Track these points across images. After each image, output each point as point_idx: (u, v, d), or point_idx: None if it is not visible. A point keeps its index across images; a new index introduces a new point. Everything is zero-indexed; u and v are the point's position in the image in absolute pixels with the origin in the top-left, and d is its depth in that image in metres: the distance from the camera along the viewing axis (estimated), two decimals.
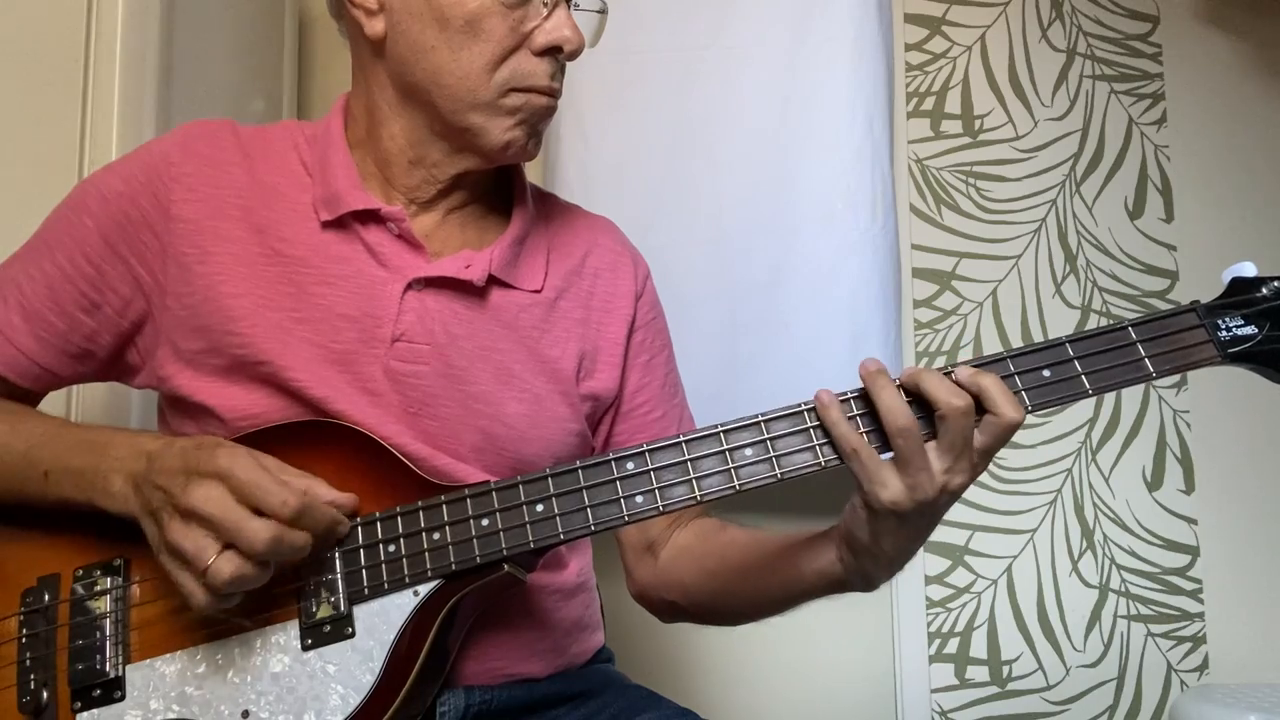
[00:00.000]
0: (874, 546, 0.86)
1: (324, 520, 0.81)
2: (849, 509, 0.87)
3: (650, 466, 0.84)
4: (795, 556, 0.95)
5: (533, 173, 1.07)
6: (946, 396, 0.80)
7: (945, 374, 0.82)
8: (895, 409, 0.80)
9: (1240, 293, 0.85)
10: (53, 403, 1.02)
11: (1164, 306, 1.99)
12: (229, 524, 0.76)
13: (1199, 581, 1.96)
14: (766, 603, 1.00)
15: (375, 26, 0.96)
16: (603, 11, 1.01)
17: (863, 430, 0.83)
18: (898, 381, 0.83)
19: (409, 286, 0.95)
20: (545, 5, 0.94)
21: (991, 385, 0.80)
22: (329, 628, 0.83)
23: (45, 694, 0.84)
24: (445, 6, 0.92)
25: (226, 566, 0.76)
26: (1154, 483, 1.99)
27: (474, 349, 0.96)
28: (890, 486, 0.81)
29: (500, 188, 1.07)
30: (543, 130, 1.01)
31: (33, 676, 0.85)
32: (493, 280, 0.99)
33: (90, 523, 0.85)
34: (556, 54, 0.96)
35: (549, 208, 1.11)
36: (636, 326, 1.09)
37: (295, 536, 0.78)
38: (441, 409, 0.94)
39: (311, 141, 1.01)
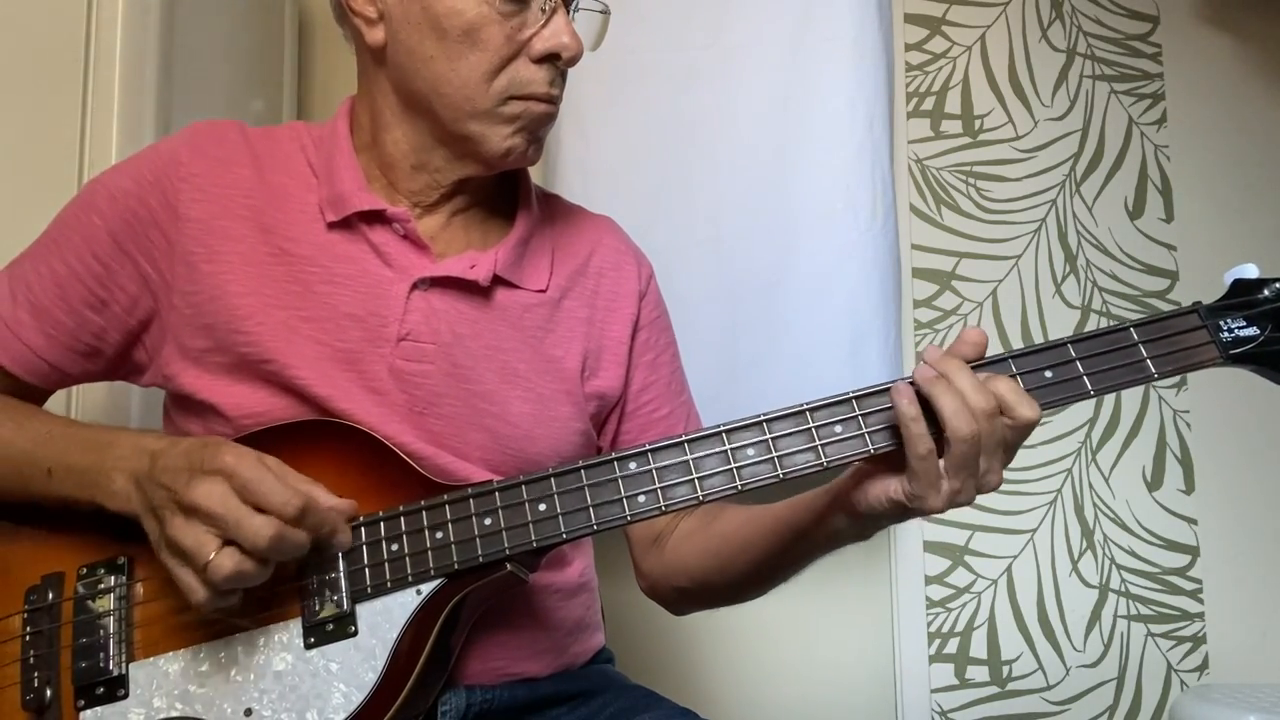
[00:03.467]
0: (887, 523, 0.88)
1: (326, 522, 0.81)
2: (860, 491, 0.86)
3: (652, 466, 0.85)
4: (793, 525, 0.95)
5: (533, 172, 1.07)
6: (975, 395, 0.79)
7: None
8: (961, 414, 0.78)
9: (1242, 294, 0.85)
10: (53, 402, 1.02)
11: (1164, 306, 2.01)
12: (230, 520, 0.76)
13: (1199, 581, 1.96)
14: (767, 571, 1.00)
15: (375, 35, 0.96)
16: (605, 12, 1.01)
17: (867, 430, 0.83)
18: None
19: (415, 286, 0.95)
20: (543, 12, 0.94)
21: (1005, 390, 0.80)
22: (332, 626, 0.83)
23: (49, 691, 0.84)
24: (442, 16, 0.92)
25: (227, 562, 0.76)
26: (1154, 483, 1.99)
27: (479, 348, 0.97)
28: (941, 493, 0.81)
29: (504, 189, 1.07)
30: (543, 136, 1.01)
31: (36, 674, 0.85)
32: (498, 280, 0.99)
33: (94, 521, 0.86)
34: (555, 61, 0.95)
35: (553, 208, 1.11)
36: (640, 326, 1.09)
37: (296, 535, 0.79)
38: (446, 408, 0.94)
39: (318, 143, 1.01)
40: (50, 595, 0.87)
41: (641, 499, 0.84)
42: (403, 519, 0.85)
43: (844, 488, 0.89)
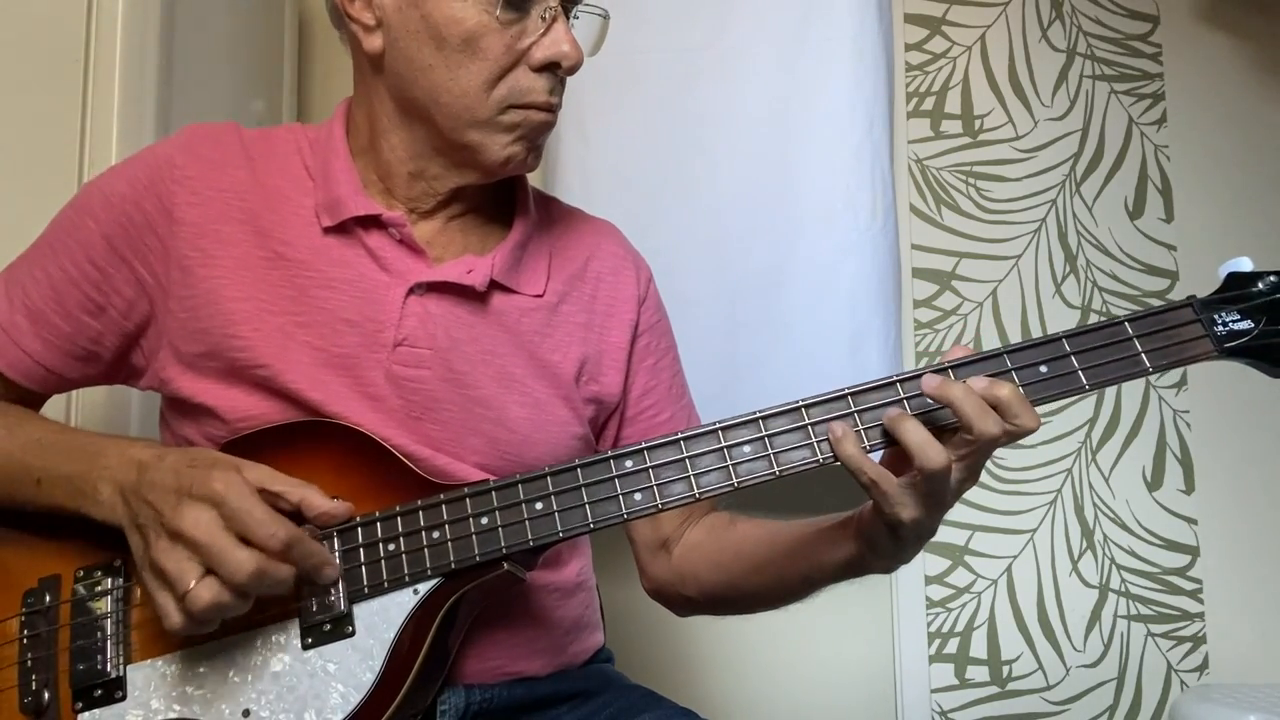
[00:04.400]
0: (898, 550, 0.87)
1: (312, 556, 0.80)
2: (869, 516, 0.87)
3: (649, 464, 0.85)
4: (813, 549, 0.95)
5: (533, 174, 1.07)
6: (980, 422, 0.79)
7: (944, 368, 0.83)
8: (930, 448, 0.79)
9: (1237, 287, 0.85)
10: (53, 406, 1.02)
11: None
12: (214, 551, 0.76)
13: (1199, 581, 1.96)
14: (785, 593, 1.01)
15: (373, 43, 0.95)
16: (605, 16, 1.01)
17: (863, 427, 0.83)
18: (923, 393, 0.81)
19: (411, 291, 0.95)
20: (543, 20, 0.93)
21: (1010, 396, 0.79)
22: (329, 626, 0.83)
23: (47, 694, 0.84)
24: (442, 25, 0.92)
25: (205, 593, 0.76)
26: (1154, 483, 1.99)
27: (476, 353, 0.97)
28: (910, 506, 0.81)
29: (502, 193, 1.06)
30: (542, 144, 1.00)
31: (34, 677, 0.85)
32: (494, 285, 0.99)
33: (90, 524, 0.85)
34: (555, 69, 0.95)
35: (551, 212, 1.11)
36: (640, 331, 1.09)
37: (279, 570, 0.78)
38: (444, 413, 0.94)
39: (314, 146, 1.01)
40: (47, 598, 0.87)
41: (638, 497, 0.84)
42: (399, 519, 0.85)
43: (854, 511, 0.90)
